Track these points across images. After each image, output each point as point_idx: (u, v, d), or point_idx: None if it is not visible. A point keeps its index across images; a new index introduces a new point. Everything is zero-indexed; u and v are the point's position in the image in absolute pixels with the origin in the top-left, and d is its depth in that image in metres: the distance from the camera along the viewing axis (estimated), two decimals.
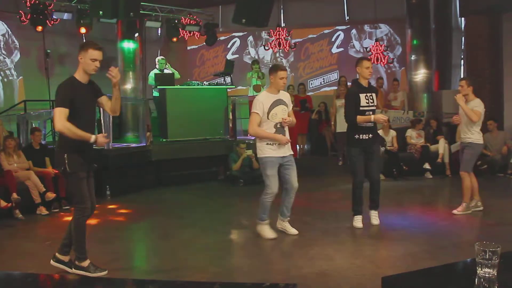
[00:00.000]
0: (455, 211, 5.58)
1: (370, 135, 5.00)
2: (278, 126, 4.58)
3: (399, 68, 12.45)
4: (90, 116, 3.79)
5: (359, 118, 4.90)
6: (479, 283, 1.66)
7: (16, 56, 11.57)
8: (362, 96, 4.91)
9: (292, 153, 4.75)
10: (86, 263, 3.74)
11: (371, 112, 4.96)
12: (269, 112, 4.56)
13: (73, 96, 3.55)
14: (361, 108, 4.92)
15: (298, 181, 4.73)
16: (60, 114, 3.48)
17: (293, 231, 4.85)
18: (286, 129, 4.71)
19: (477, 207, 5.68)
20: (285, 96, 4.76)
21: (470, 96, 5.48)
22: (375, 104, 5.05)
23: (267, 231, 4.75)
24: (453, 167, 8.41)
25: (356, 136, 4.97)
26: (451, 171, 8.29)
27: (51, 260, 3.85)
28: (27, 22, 9.66)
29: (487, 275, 1.67)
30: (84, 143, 3.59)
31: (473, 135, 5.48)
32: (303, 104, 10.45)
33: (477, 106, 5.42)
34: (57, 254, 3.85)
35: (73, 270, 3.77)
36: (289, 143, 4.71)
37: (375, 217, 5.15)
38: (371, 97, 4.97)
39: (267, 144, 4.60)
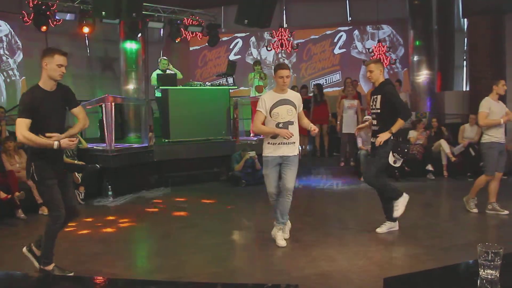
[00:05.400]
0: (487, 211, 5.56)
1: (374, 139, 4.76)
2: (280, 126, 4.47)
3: (402, 69, 12.43)
4: (58, 123, 3.65)
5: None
6: (482, 284, 1.65)
7: (19, 56, 11.62)
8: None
9: (295, 154, 4.56)
10: (50, 267, 3.73)
11: (374, 115, 4.81)
12: (271, 111, 4.50)
13: (35, 105, 3.47)
14: None
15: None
16: (21, 125, 3.45)
17: (281, 243, 4.53)
18: (293, 129, 4.50)
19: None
20: (294, 96, 4.61)
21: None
22: (378, 106, 4.75)
23: (277, 237, 4.59)
24: (455, 168, 8.38)
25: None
26: (450, 173, 8.31)
27: (24, 248, 3.84)
28: (30, 23, 9.69)
29: (489, 277, 1.66)
30: (52, 151, 3.52)
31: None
32: (306, 105, 10.44)
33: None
34: (32, 245, 3.83)
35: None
36: (296, 145, 4.56)
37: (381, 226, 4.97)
38: (375, 99, 4.80)
39: (268, 143, 4.55)
